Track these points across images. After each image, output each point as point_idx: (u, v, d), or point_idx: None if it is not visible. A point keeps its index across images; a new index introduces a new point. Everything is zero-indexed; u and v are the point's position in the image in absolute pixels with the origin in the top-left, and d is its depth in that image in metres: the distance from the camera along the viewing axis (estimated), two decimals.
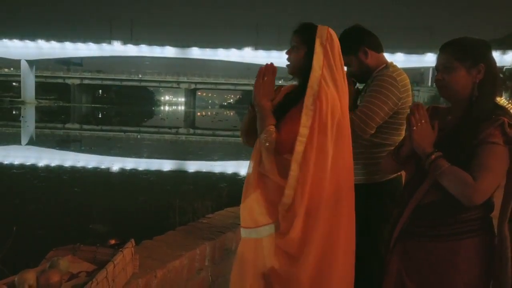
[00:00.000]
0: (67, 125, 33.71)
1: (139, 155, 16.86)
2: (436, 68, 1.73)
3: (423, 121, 1.67)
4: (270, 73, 1.91)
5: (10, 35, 71.54)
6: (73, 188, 9.60)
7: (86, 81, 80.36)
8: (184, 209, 5.41)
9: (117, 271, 1.59)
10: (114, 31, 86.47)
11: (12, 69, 78.80)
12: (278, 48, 65.49)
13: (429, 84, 78.24)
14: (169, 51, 75.58)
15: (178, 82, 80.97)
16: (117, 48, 74.89)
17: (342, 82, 1.85)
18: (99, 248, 1.74)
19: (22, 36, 71.33)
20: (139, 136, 25.94)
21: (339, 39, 2.42)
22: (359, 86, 2.53)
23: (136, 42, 75.75)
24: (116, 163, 14.30)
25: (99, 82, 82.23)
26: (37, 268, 1.54)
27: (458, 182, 1.54)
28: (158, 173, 12.81)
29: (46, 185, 10.05)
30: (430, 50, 69.94)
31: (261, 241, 1.79)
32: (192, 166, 14.77)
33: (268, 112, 1.83)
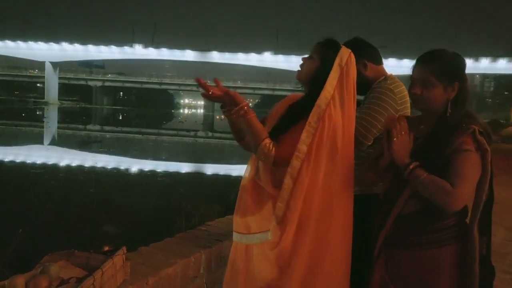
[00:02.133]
0: (89, 126, 34.29)
1: (156, 157, 17.06)
2: (413, 81, 1.77)
3: (403, 132, 1.74)
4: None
5: (35, 37, 73.29)
6: (89, 189, 9.76)
7: (107, 83, 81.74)
8: (192, 214, 5.46)
9: (106, 278, 1.62)
10: (136, 34, 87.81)
11: (36, 70, 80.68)
12: (298, 53, 65.47)
13: None
14: (189, 55, 76.37)
15: (198, 85, 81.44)
16: (138, 51, 76.03)
17: (351, 107, 1.87)
18: (92, 254, 1.79)
19: (47, 38, 73.05)
20: (157, 138, 26.24)
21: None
22: (359, 98, 2.53)
23: (157, 46, 76.94)
24: (132, 165, 14.49)
25: (120, 84, 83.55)
26: (28, 273, 1.59)
27: (438, 190, 1.60)
28: (174, 175, 12.92)
29: (63, 185, 10.24)
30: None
31: (252, 248, 1.82)
32: (209, 169, 14.86)
33: (257, 123, 1.80)
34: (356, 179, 2.24)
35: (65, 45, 73.03)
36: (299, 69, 1.99)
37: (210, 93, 1.77)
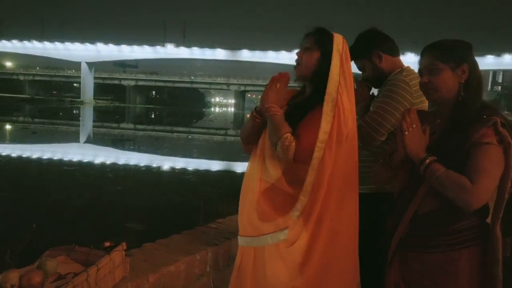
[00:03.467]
0: (122, 125, 35.07)
1: (186, 155, 17.22)
2: (420, 72, 1.72)
3: (414, 125, 1.64)
4: (284, 81, 1.91)
5: (72, 38, 75.56)
6: (116, 187, 9.94)
7: (140, 83, 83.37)
8: (214, 211, 5.44)
9: (102, 275, 1.60)
10: (168, 34, 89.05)
11: (73, 70, 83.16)
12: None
13: (489, 88, 74.31)
14: (220, 54, 76.84)
15: (228, 84, 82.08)
16: (170, 51, 77.11)
17: (352, 93, 1.83)
18: (93, 250, 1.77)
19: (83, 39, 75.12)
20: (188, 137, 26.54)
21: (354, 43, 2.36)
22: (374, 91, 2.43)
23: (188, 45, 77.77)
24: (162, 163, 14.69)
25: (152, 83, 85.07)
26: (24, 268, 1.58)
27: (455, 186, 1.50)
28: (202, 173, 13.01)
29: (92, 182, 10.48)
30: (490, 51, 66.46)
31: (263, 250, 1.75)
32: (238, 167, 14.89)
33: (282, 120, 1.79)
34: (370, 177, 2.15)
35: (100, 46, 74.90)
36: (296, 65, 1.92)
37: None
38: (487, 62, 65.61)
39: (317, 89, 1.81)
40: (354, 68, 2.49)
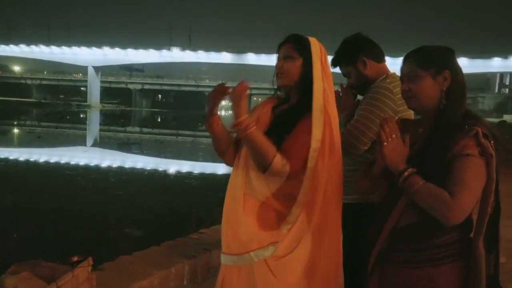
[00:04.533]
0: (128, 128, 35.17)
1: (190, 159, 17.19)
2: (401, 79, 1.66)
3: (393, 135, 1.56)
4: (244, 93, 1.74)
5: (79, 42, 76.09)
6: (117, 191, 9.91)
7: (146, 86, 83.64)
8: (208, 218, 5.38)
9: None
10: (174, 38, 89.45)
11: (80, 74, 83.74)
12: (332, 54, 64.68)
13: (496, 90, 73.68)
14: (226, 57, 76.99)
15: (234, 88, 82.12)
16: (176, 55, 77.35)
17: (334, 98, 1.78)
18: (59, 265, 1.71)
19: (89, 43, 75.58)
20: (194, 140, 26.55)
21: (339, 49, 2.28)
22: (360, 98, 2.36)
23: (194, 48, 78.00)
24: (166, 166, 14.68)
25: (158, 87, 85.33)
26: None
27: (434, 199, 1.43)
28: (205, 177, 12.96)
29: (93, 186, 10.47)
30: (497, 54, 65.91)
31: (251, 267, 1.66)
32: None
33: (263, 139, 1.66)
34: (352, 186, 2.07)
35: (106, 50, 75.31)
36: (278, 73, 1.84)
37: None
38: (494, 65, 65.13)
39: (304, 97, 1.76)
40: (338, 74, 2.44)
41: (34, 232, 5.97)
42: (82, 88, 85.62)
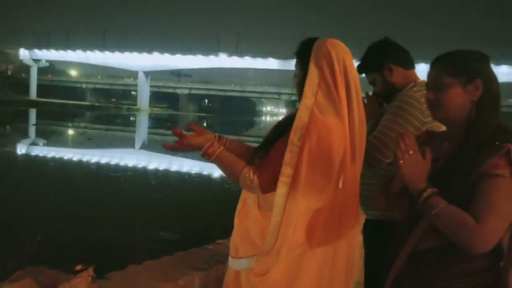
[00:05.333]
0: None
1: None
2: (427, 87, 1.49)
3: (411, 151, 1.41)
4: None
5: (131, 48, 78.79)
6: (156, 194, 10.05)
7: (193, 91, 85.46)
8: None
9: None
10: (221, 44, 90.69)
11: (131, 79, 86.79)
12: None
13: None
14: (272, 63, 77.11)
15: (279, 94, 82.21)
16: (223, 60, 78.38)
17: (354, 103, 1.58)
18: (61, 273, 1.69)
19: (140, 49, 78.10)
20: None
21: (364, 55, 2.14)
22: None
23: (241, 54, 78.65)
24: (210, 171, 14.77)
25: (205, 92, 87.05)
26: None
27: (457, 225, 1.28)
28: None
29: (135, 189, 10.69)
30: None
31: (240, 274, 1.65)
32: None
33: (228, 156, 1.60)
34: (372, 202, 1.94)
35: (156, 55, 77.53)
36: (293, 76, 1.76)
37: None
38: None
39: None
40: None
41: (63, 234, 6.13)
42: (132, 92, 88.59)
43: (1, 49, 78.07)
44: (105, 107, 72.70)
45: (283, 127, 1.63)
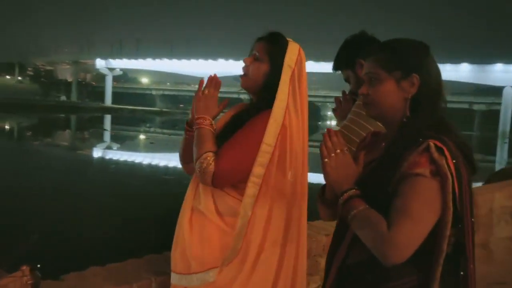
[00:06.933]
0: None
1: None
2: (363, 80, 1.35)
3: (338, 150, 1.27)
4: (212, 85, 1.67)
5: (197, 55, 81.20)
6: None
7: None
8: None
9: None
10: None
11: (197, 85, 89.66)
12: (452, 61, 60.01)
13: None
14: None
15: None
16: None
17: (305, 113, 1.58)
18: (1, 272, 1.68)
19: (206, 56, 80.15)
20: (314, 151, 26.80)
21: (338, 50, 2.02)
22: None
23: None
24: None
25: None
26: None
27: (370, 230, 1.14)
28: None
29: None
30: None
31: None
32: None
33: (208, 134, 1.55)
34: None
35: (221, 61, 79.46)
36: (242, 74, 1.66)
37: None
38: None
39: (259, 107, 1.57)
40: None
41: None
42: None
43: (80, 59, 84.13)
44: (173, 113, 75.57)
45: (240, 120, 1.57)
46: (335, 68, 2.05)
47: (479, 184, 5.37)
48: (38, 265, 1.73)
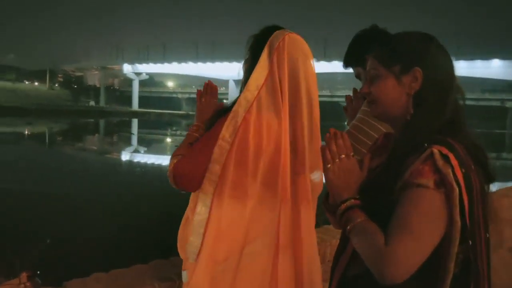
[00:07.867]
0: None
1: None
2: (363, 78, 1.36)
3: (342, 155, 1.16)
4: (208, 92, 1.64)
5: (221, 58, 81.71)
6: None
7: None
8: None
9: None
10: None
11: (223, 88, 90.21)
12: (483, 56, 58.20)
13: None
14: None
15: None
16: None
17: (304, 110, 1.47)
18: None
19: (231, 59, 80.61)
20: None
21: (348, 46, 1.93)
22: None
23: (329, 59, 77.60)
24: None
25: None
26: None
27: (368, 244, 1.03)
28: None
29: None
30: None
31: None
32: None
33: (188, 140, 1.55)
34: None
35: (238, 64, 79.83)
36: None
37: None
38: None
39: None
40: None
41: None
42: (224, 101, 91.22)
43: (108, 65, 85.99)
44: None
45: (214, 118, 1.49)
46: (345, 65, 1.94)
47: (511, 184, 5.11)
48: (38, 272, 1.70)
